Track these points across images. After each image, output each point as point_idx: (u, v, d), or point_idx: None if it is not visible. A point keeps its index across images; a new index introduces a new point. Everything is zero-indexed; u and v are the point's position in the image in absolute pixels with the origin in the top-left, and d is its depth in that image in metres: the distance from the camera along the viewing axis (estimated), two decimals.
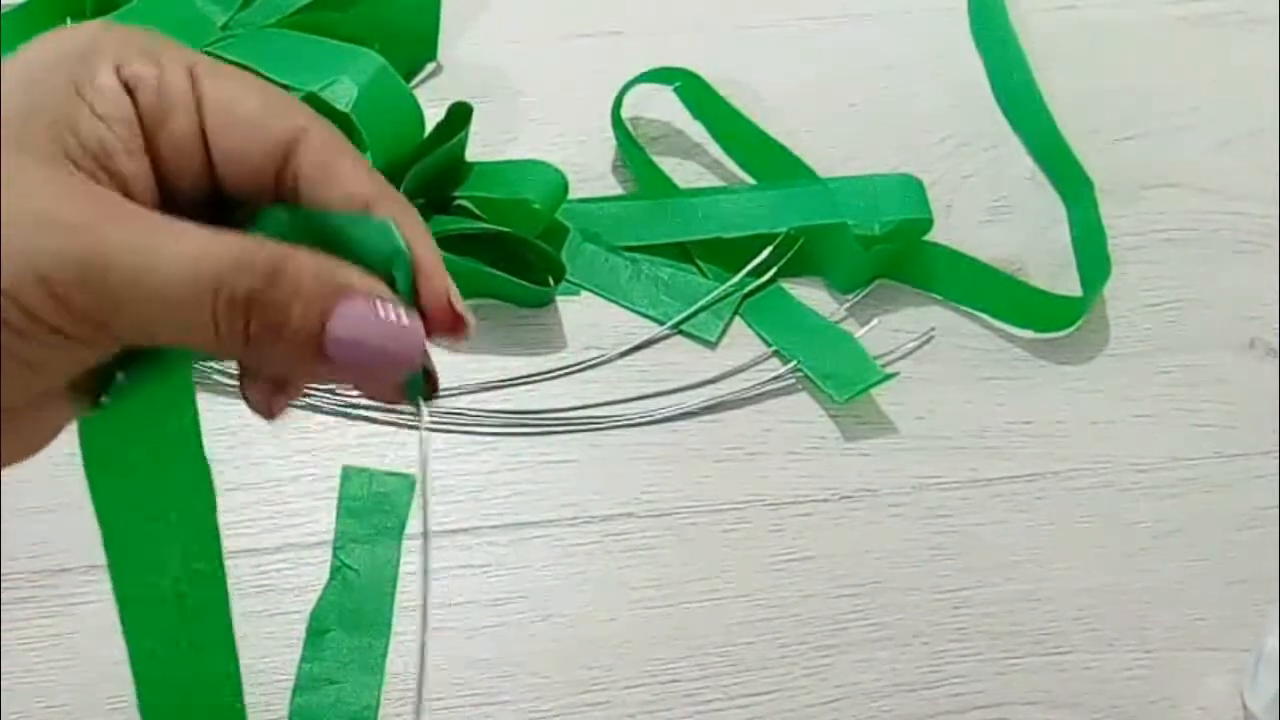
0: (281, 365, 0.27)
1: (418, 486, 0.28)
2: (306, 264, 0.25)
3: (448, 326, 0.27)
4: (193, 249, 0.25)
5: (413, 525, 0.48)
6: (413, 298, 0.26)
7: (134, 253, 0.24)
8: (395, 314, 0.26)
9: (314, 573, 0.47)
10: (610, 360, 0.53)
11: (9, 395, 0.25)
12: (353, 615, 0.46)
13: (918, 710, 0.46)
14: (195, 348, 0.26)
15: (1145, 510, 0.50)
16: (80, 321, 0.24)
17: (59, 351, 0.25)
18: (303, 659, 0.45)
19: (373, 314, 0.26)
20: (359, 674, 0.45)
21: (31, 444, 0.27)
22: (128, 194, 0.26)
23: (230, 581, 0.47)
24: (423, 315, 0.27)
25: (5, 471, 0.27)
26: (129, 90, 0.26)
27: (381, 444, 0.50)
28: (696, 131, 0.59)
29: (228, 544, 0.30)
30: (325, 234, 0.26)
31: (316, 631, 0.45)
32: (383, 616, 0.46)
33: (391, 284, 0.26)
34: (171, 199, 0.27)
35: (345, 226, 0.26)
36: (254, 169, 0.27)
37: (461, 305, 0.28)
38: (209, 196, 0.28)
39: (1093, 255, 0.56)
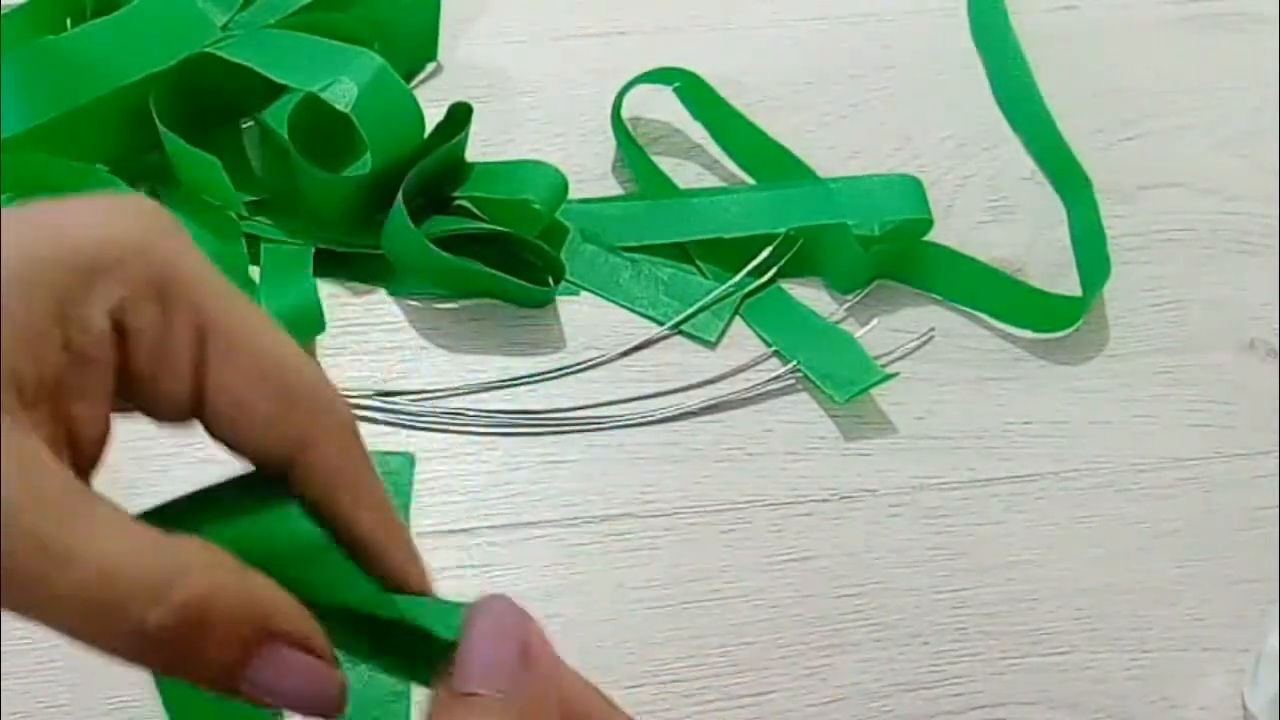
0: (196, 684, 0.24)
1: None
2: (237, 600, 0.23)
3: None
4: (109, 563, 0.22)
5: (413, 525, 0.48)
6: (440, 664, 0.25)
7: (40, 554, 0.21)
8: (320, 667, 0.24)
9: None
10: (610, 360, 0.53)
11: None
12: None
13: (918, 710, 0.46)
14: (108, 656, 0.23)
15: (1145, 510, 0.50)
16: None
17: None
18: None
19: (297, 666, 0.24)
20: (375, 711, 0.44)
21: None
22: (71, 437, 0.23)
23: None
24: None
25: None
26: (121, 335, 0.23)
27: (381, 444, 0.50)
28: (696, 131, 0.59)
29: None
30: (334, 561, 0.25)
31: None
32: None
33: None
34: (155, 415, 0.24)
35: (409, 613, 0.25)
36: (248, 457, 0.25)
37: None
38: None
39: (1092, 255, 0.56)
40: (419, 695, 0.41)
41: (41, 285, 0.22)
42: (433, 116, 0.54)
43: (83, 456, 0.23)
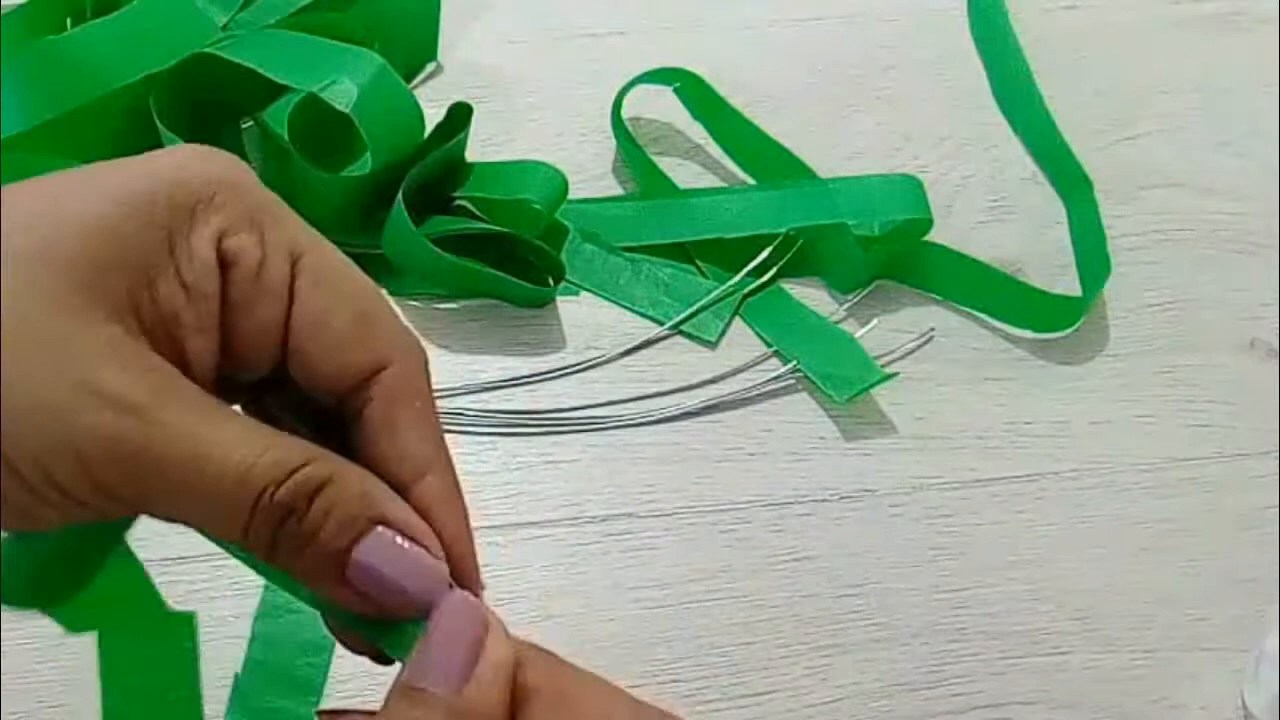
0: (302, 577, 0.25)
1: None
2: (349, 485, 0.25)
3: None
4: (243, 454, 0.24)
5: None
6: None
7: (182, 448, 0.23)
8: (426, 559, 0.25)
9: None
10: (610, 360, 0.53)
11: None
12: None
13: (918, 710, 0.46)
14: (216, 540, 0.25)
15: (1145, 510, 0.50)
16: (108, 499, 0.23)
17: (70, 514, 0.24)
18: (266, 586, 0.45)
19: (402, 551, 0.25)
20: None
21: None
22: (185, 368, 0.24)
23: (230, 580, 0.47)
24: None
25: None
26: (224, 263, 0.25)
27: None
28: (696, 131, 0.59)
29: (213, 547, 0.30)
30: None
31: None
32: None
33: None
34: (232, 373, 0.26)
35: None
36: (325, 381, 0.26)
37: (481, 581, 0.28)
38: (268, 376, 0.26)
39: (1092, 255, 0.56)
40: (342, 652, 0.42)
41: (153, 219, 0.24)
42: (433, 116, 0.54)
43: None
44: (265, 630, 0.45)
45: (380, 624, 0.26)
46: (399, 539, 0.25)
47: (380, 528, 0.25)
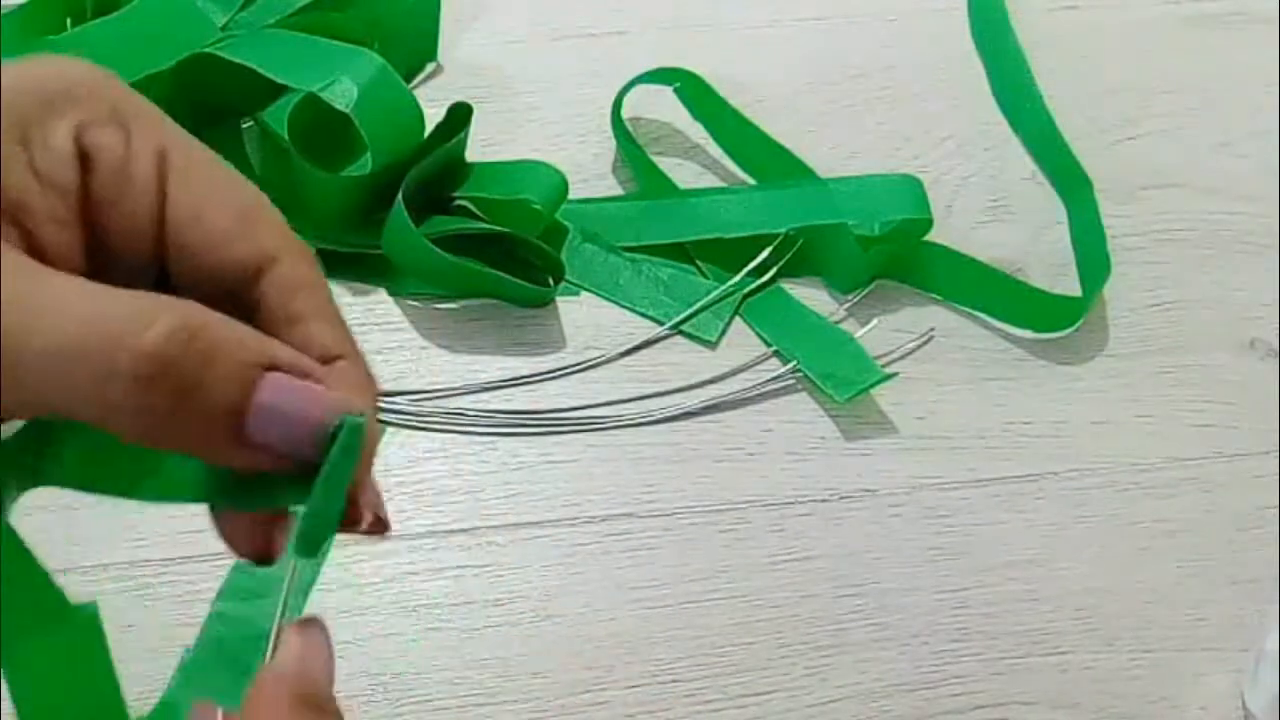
0: (187, 446, 0.23)
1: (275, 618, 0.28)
2: (231, 330, 0.23)
3: (375, 526, 0.25)
4: (88, 305, 0.22)
5: (413, 525, 0.48)
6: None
7: (13, 310, 0.21)
8: (325, 392, 0.23)
9: None
10: (610, 360, 0.53)
11: None
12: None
13: (918, 710, 0.46)
14: (91, 422, 0.22)
15: (1145, 510, 0.50)
16: None
17: None
18: (235, 568, 0.44)
19: (302, 392, 0.23)
20: (276, 595, 0.44)
21: None
22: (42, 258, 0.23)
23: (217, 583, 0.46)
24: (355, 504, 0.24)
25: None
26: (85, 159, 0.24)
27: (381, 444, 0.50)
28: (696, 131, 0.59)
29: (213, 547, 0.29)
30: None
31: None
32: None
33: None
34: (107, 279, 0.24)
35: None
36: (212, 282, 0.25)
37: (386, 514, 0.26)
38: (149, 278, 0.25)
39: (1092, 255, 0.56)
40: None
41: (10, 108, 0.23)
42: (433, 116, 0.54)
43: None
44: (225, 610, 0.44)
45: (270, 487, 0.24)
46: (297, 381, 0.23)
47: (274, 372, 0.23)
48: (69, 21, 0.56)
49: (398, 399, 0.51)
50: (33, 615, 0.26)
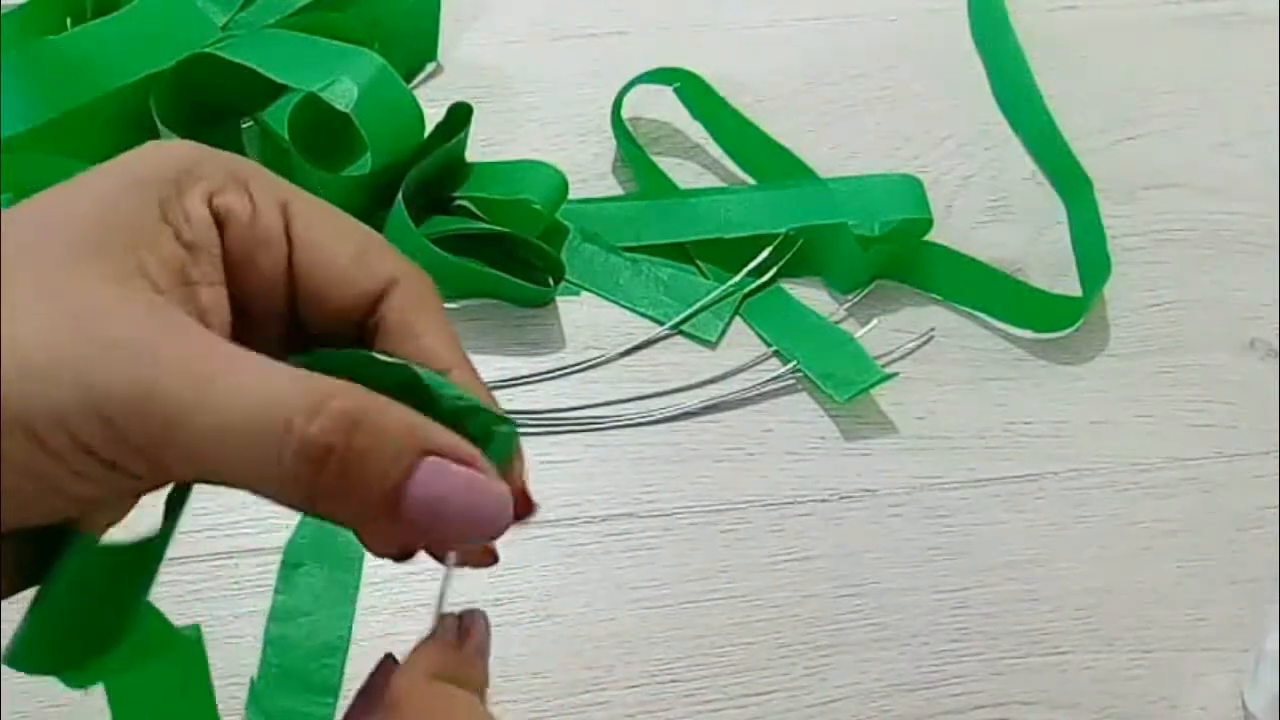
0: (349, 521, 0.24)
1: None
2: (391, 416, 0.24)
3: (521, 510, 0.27)
4: (260, 386, 0.23)
5: None
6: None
7: (188, 379, 0.22)
8: (482, 479, 0.25)
9: None
10: (610, 360, 0.53)
11: (17, 516, 0.23)
12: (326, 550, 0.46)
13: (918, 710, 0.46)
14: (254, 493, 0.24)
15: (1145, 510, 0.50)
16: (133, 454, 0.22)
17: (102, 483, 0.23)
18: (276, 590, 0.45)
19: (459, 475, 0.24)
20: (331, 606, 0.45)
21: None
22: (203, 321, 0.25)
23: (230, 580, 0.47)
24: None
25: None
26: (219, 221, 0.25)
27: None
28: (696, 131, 0.59)
29: (230, 544, 0.30)
30: (421, 400, 0.25)
31: (290, 565, 0.46)
32: (355, 551, 0.46)
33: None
34: (248, 335, 0.25)
35: (456, 409, 0.25)
36: (339, 315, 0.26)
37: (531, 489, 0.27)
38: (288, 335, 0.27)
39: (1092, 255, 0.56)
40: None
41: (145, 192, 0.25)
42: (433, 116, 0.54)
43: None
44: (279, 634, 0.45)
45: None
46: (453, 466, 0.24)
47: (431, 457, 0.24)
48: (69, 21, 0.56)
49: None
50: (138, 643, 0.27)
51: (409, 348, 0.26)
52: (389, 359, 0.26)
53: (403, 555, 0.27)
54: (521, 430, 0.51)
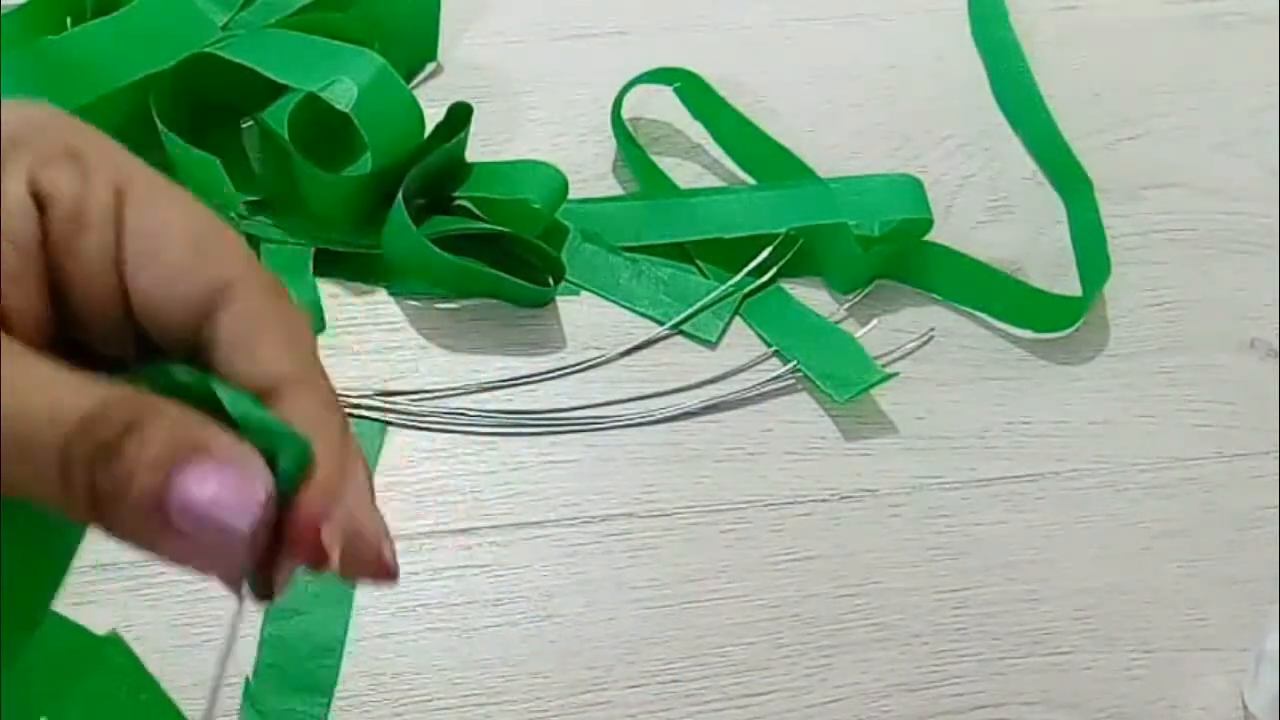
0: (130, 535, 0.22)
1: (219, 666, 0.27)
2: (165, 420, 0.21)
3: (310, 551, 0.22)
4: (42, 391, 0.21)
5: (412, 525, 0.48)
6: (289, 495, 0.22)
7: None
8: (250, 486, 0.21)
9: None
10: (610, 360, 0.53)
11: None
12: None
13: (918, 710, 0.46)
14: (42, 505, 0.22)
15: (1145, 510, 0.50)
16: None
17: None
18: None
19: (223, 480, 0.21)
20: (328, 606, 0.45)
21: None
22: (6, 327, 0.22)
23: (217, 582, 0.46)
24: (291, 525, 0.22)
25: None
26: (39, 203, 0.23)
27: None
28: (696, 131, 0.59)
29: None
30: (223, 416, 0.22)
31: None
32: None
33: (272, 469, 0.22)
34: (76, 328, 0.23)
35: (252, 423, 0.22)
36: (171, 317, 0.23)
37: (330, 538, 0.22)
38: (121, 334, 0.24)
39: (1092, 255, 0.56)
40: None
41: None
42: (433, 116, 0.54)
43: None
44: (275, 633, 0.45)
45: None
46: (221, 466, 0.21)
47: (199, 459, 0.21)
48: (69, 21, 0.56)
49: (397, 399, 0.51)
50: (71, 664, 0.26)
51: (241, 364, 0.23)
52: (188, 373, 0.23)
53: (263, 592, 0.24)
54: (521, 430, 0.51)
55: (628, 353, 0.53)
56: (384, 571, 0.24)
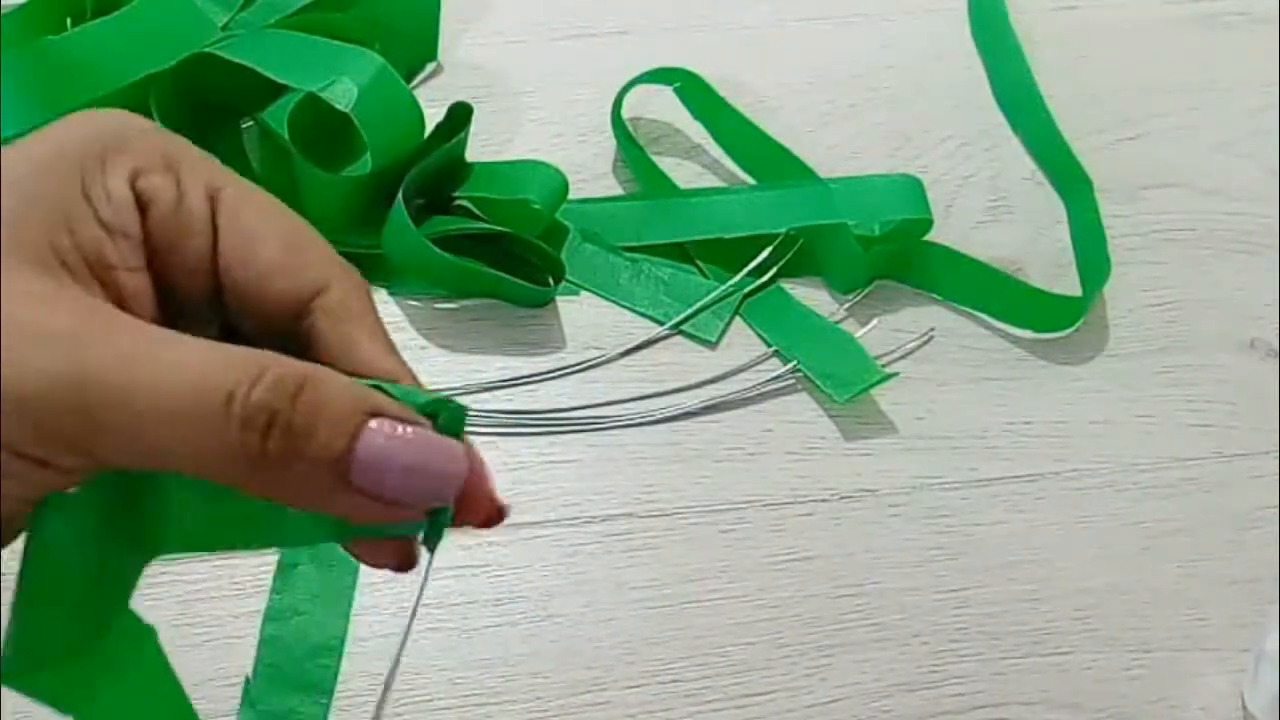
0: (297, 495, 0.23)
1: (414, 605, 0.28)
2: (334, 381, 0.23)
3: (487, 508, 0.26)
4: (195, 361, 0.22)
5: None
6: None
7: (116, 365, 0.21)
8: (430, 435, 0.23)
9: None
10: (610, 360, 0.53)
11: None
12: (324, 550, 0.46)
13: (918, 710, 0.46)
14: (195, 474, 0.23)
15: (1145, 510, 0.50)
16: (65, 449, 0.22)
17: (34, 483, 0.22)
18: (273, 590, 0.45)
19: (406, 434, 0.23)
20: (327, 606, 0.45)
21: None
22: (124, 307, 0.24)
23: (230, 580, 0.47)
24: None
25: None
26: (141, 203, 0.24)
27: None
28: (696, 131, 0.59)
29: None
30: None
31: (287, 565, 0.46)
32: None
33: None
34: (178, 322, 0.24)
35: (403, 397, 0.24)
36: (268, 314, 0.25)
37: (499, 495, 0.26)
38: (219, 323, 0.26)
39: (1092, 255, 0.56)
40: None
41: (66, 165, 0.24)
42: (433, 116, 0.54)
43: None
44: (274, 633, 0.45)
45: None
46: (401, 427, 0.23)
47: (376, 419, 0.23)
48: (69, 21, 0.56)
49: None
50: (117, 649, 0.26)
51: (345, 362, 0.25)
52: None
53: (403, 564, 0.26)
54: (521, 430, 0.51)
55: (628, 353, 0.53)
56: (499, 513, 0.27)
